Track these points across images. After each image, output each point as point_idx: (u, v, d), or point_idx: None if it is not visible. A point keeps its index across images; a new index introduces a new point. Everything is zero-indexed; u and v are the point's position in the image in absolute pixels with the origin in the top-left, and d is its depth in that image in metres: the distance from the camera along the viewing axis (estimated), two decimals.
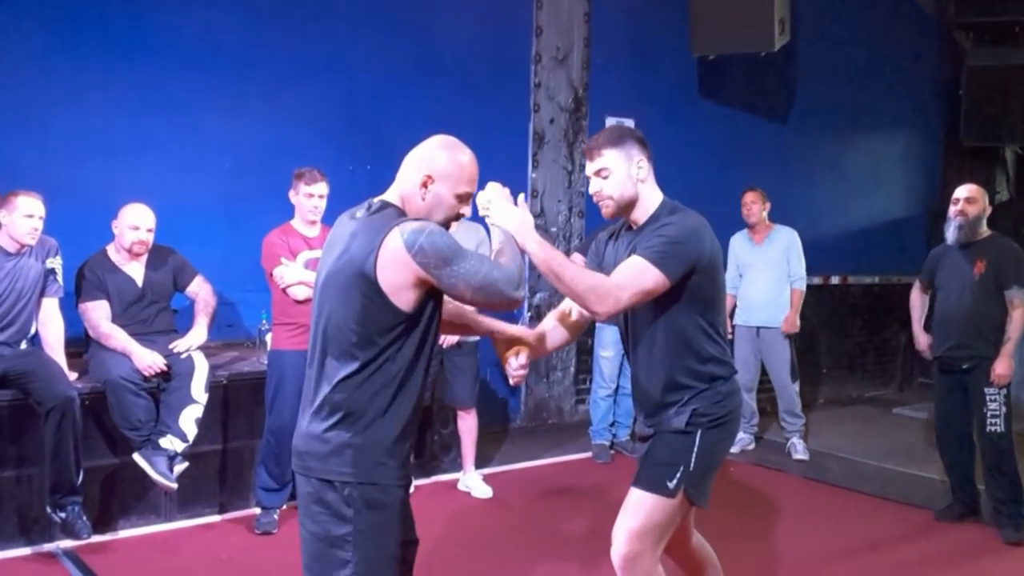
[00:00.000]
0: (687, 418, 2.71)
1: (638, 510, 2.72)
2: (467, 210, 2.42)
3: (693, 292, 2.70)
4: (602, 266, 2.91)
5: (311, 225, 4.50)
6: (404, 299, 2.23)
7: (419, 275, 2.21)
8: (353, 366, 2.24)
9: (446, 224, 2.38)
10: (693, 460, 2.70)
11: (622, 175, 2.73)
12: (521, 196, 2.68)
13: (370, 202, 2.38)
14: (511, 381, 2.77)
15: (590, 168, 2.79)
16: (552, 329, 2.92)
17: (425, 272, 2.20)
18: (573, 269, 2.60)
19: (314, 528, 2.28)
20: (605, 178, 2.74)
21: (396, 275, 2.20)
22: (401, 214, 2.33)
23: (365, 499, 2.23)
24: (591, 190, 2.81)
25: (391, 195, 2.39)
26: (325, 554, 2.26)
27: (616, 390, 5.98)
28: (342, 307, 2.25)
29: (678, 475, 2.69)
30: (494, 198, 2.58)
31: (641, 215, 2.79)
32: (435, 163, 2.35)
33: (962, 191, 4.71)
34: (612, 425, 6.08)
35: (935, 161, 9.60)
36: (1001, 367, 4.54)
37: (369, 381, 2.25)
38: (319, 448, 2.26)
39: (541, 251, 2.55)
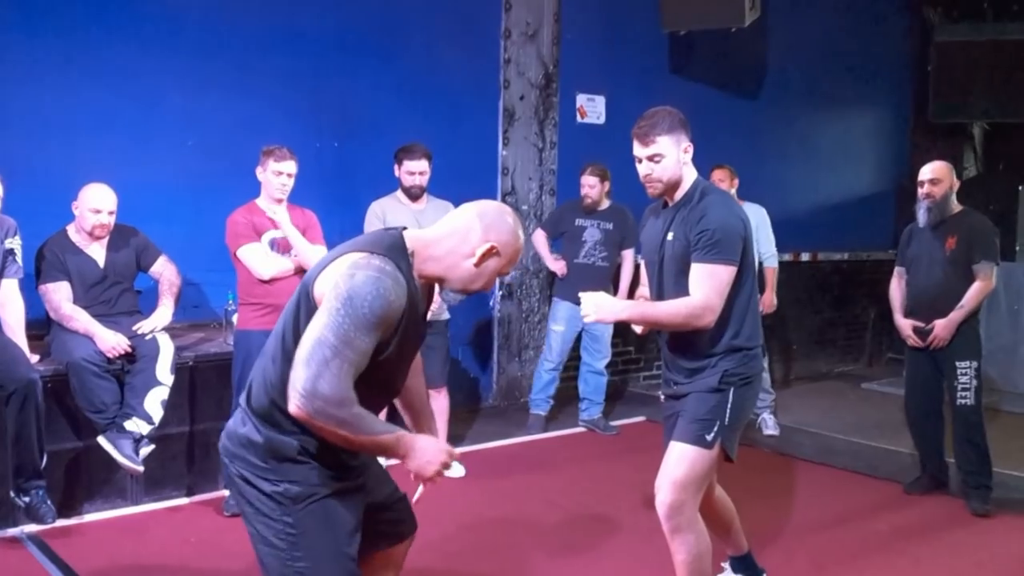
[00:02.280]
0: (719, 378, 2.98)
1: (680, 462, 2.98)
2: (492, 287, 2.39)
3: None
4: (642, 239, 3.26)
5: (277, 204, 4.42)
6: None
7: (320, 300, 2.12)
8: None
9: (473, 290, 2.30)
10: (728, 415, 2.99)
11: (673, 160, 2.96)
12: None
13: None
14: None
15: (642, 152, 2.98)
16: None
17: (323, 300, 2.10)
18: (663, 310, 2.95)
19: None
20: (657, 162, 2.96)
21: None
22: (400, 252, 2.18)
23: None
24: (641, 172, 3.00)
25: (418, 236, 2.25)
26: None
27: (578, 367, 6.07)
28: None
29: (715, 429, 2.97)
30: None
31: (679, 193, 3.04)
32: (504, 238, 2.24)
33: (926, 172, 4.67)
34: (582, 402, 6.14)
35: (904, 137, 9.65)
36: (941, 328, 4.57)
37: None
38: None
39: (632, 313, 3.01)
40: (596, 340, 6.05)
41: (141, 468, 4.10)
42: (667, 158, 2.95)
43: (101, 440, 4.05)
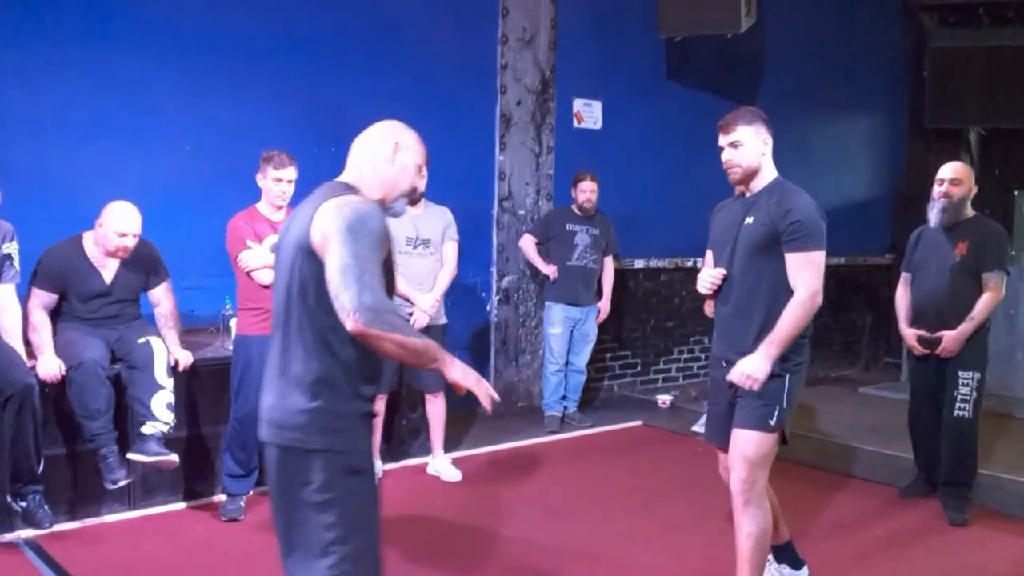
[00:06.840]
0: (779, 364, 3.19)
1: (749, 442, 3.23)
2: (422, 183, 2.56)
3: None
4: (711, 231, 3.51)
5: (277, 209, 4.42)
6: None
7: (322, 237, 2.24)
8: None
9: (407, 195, 2.58)
10: (786, 399, 3.23)
11: (752, 149, 3.24)
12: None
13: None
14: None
15: (724, 140, 3.28)
16: None
17: (324, 235, 2.23)
18: (786, 328, 3.15)
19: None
20: (737, 148, 3.24)
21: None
22: (349, 189, 2.42)
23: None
24: (723, 159, 3.29)
25: (345, 177, 2.52)
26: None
27: (566, 365, 6.29)
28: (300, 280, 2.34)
29: (776, 413, 3.22)
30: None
31: (757, 185, 3.30)
32: (399, 136, 2.58)
33: (946, 171, 4.54)
34: (563, 398, 6.38)
35: (900, 142, 9.66)
36: (949, 341, 4.48)
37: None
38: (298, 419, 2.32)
39: (771, 353, 3.15)
40: (585, 341, 6.35)
41: (175, 457, 4.12)
42: (746, 146, 3.22)
43: (132, 456, 4.07)
